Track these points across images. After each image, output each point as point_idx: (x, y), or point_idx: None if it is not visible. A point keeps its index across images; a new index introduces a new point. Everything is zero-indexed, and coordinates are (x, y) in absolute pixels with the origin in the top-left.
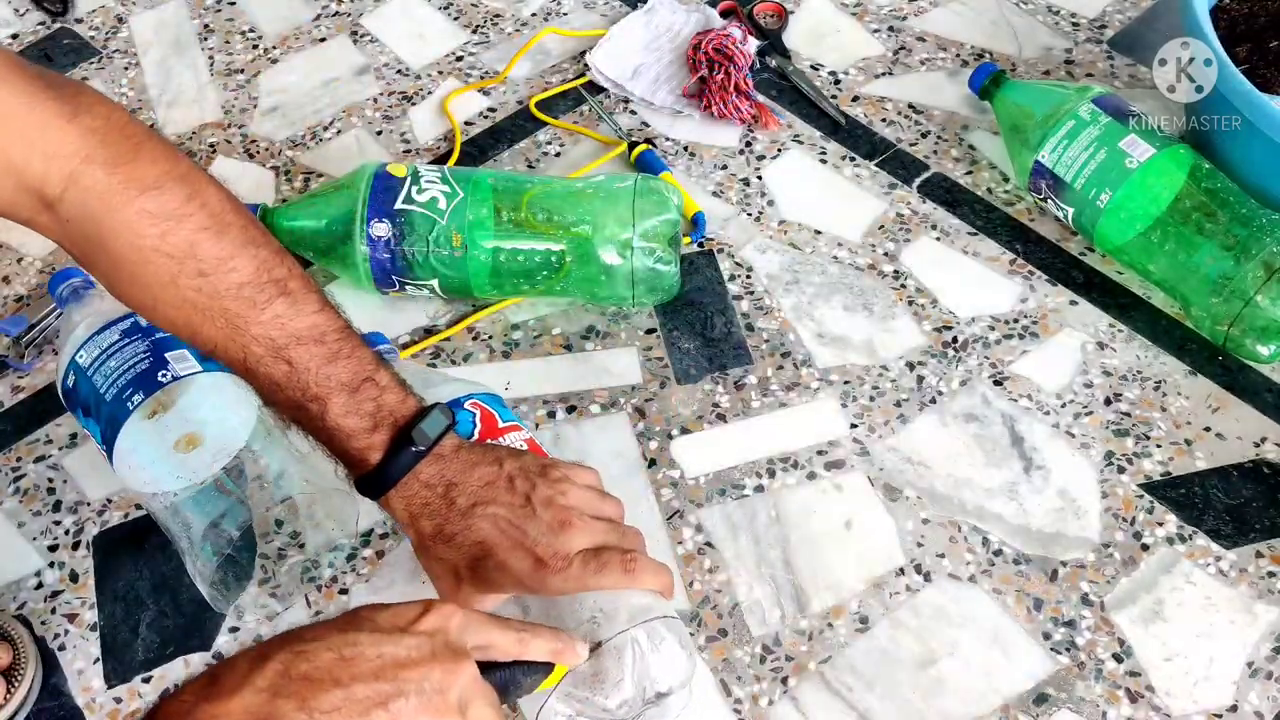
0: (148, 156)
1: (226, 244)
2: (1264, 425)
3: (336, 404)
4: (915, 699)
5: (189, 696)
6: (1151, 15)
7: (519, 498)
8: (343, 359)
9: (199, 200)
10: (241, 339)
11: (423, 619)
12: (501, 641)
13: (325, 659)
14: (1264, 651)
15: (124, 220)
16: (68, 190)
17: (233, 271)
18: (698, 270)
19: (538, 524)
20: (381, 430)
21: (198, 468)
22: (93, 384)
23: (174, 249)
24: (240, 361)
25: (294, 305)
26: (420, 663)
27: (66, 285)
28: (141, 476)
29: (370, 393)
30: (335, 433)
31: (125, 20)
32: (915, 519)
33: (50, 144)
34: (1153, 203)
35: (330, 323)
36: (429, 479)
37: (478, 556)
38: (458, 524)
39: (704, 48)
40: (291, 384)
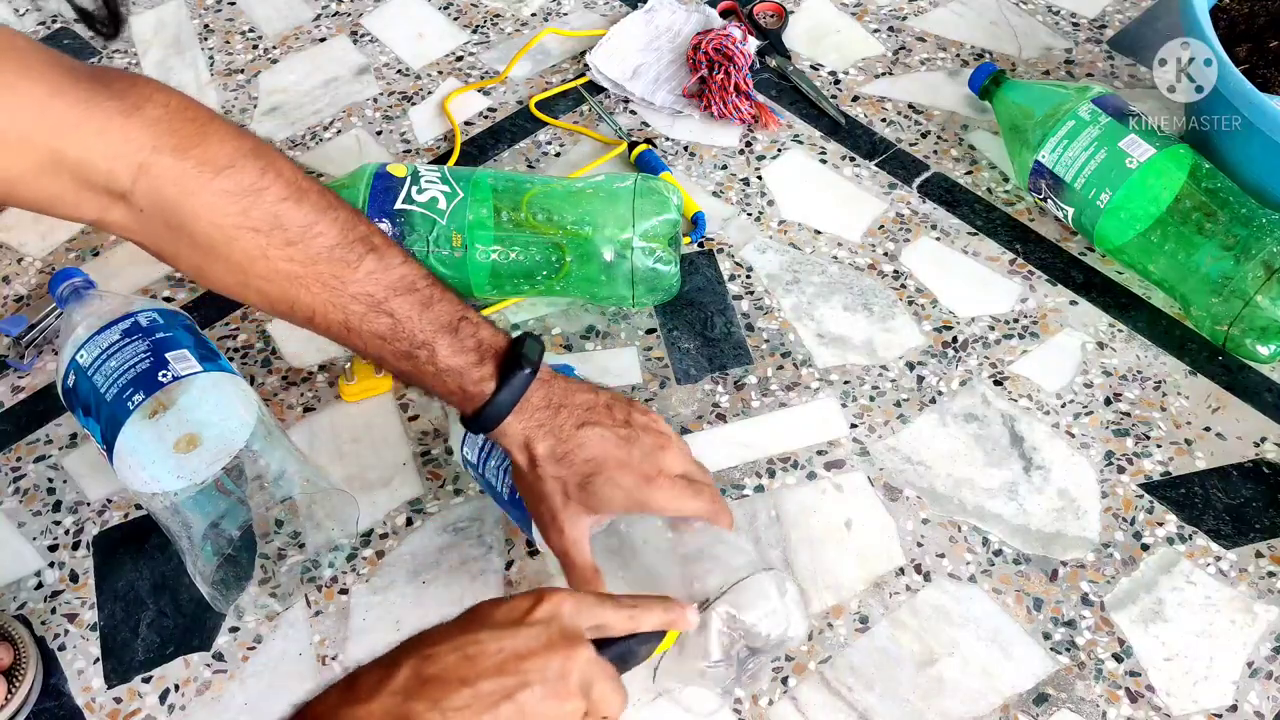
0: (216, 137)
1: (308, 210)
2: (1264, 425)
3: (443, 346)
4: (915, 699)
5: (333, 699)
6: (1151, 15)
7: (619, 421)
8: (437, 303)
9: (273, 172)
10: (340, 299)
11: (536, 609)
12: (614, 619)
13: (450, 660)
14: (1264, 651)
15: (204, 202)
16: (139, 181)
17: (320, 236)
18: (698, 270)
19: (640, 445)
20: (488, 362)
21: (198, 468)
22: (93, 384)
23: (259, 223)
24: (341, 323)
25: (382, 260)
26: (539, 652)
27: (67, 285)
28: (141, 476)
29: (469, 330)
30: (448, 373)
31: (125, 20)
32: (915, 519)
33: (113, 143)
34: (1153, 203)
35: (417, 271)
36: (540, 401)
37: (589, 474)
38: (571, 442)
39: (704, 48)
40: (397, 335)
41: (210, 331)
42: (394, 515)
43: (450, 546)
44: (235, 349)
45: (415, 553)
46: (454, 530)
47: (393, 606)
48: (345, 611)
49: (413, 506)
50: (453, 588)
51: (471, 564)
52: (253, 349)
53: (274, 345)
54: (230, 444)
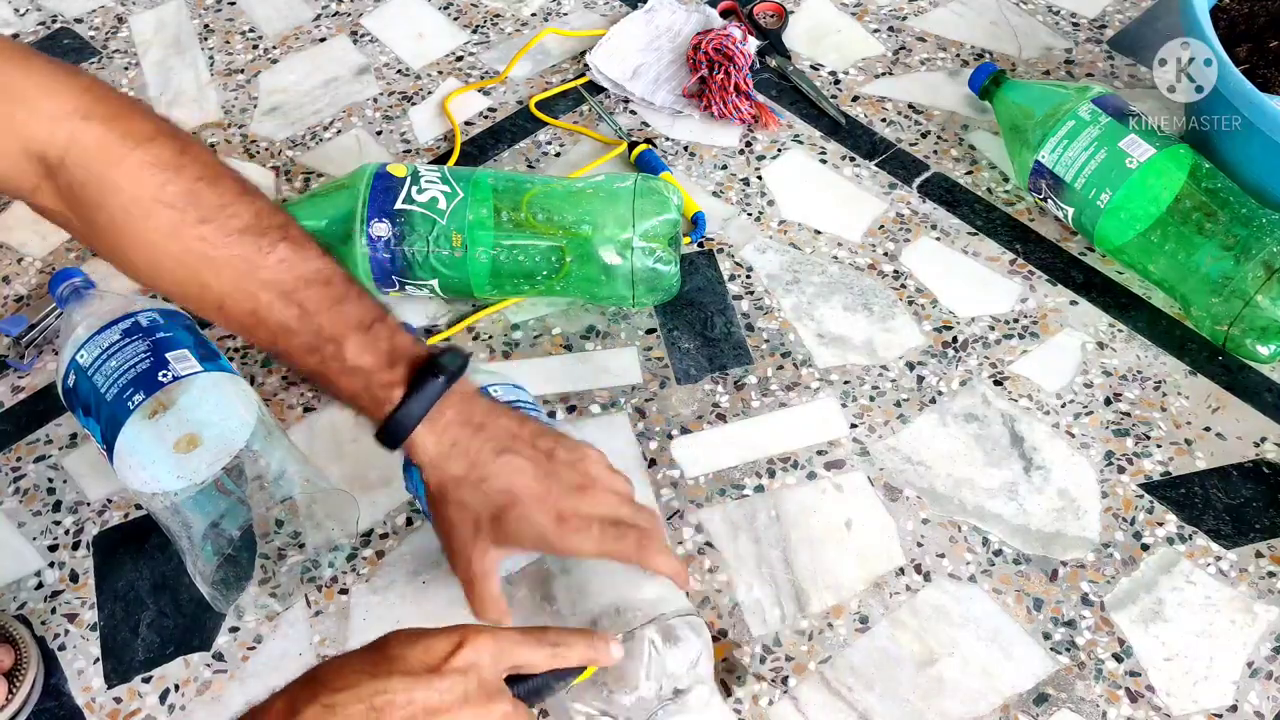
0: (139, 114)
1: (224, 191)
2: (1264, 425)
3: (352, 343)
4: (915, 699)
5: None
6: (1151, 15)
7: (542, 455)
8: (351, 300)
9: (191, 153)
10: (250, 285)
11: (455, 655)
12: (536, 659)
13: (355, 711)
14: (1264, 651)
15: (124, 171)
16: (69, 151)
17: (234, 217)
18: (698, 270)
19: (560, 483)
20: (399, 367)
21: (198, 468)
22: (93, 384)
23: (174, 198)
24: (249, 312)
25: (297, 250)
26: (452, 708)
27: (67, 285)
28: (141, 476)
29: (383, 332)
30: (354, 373)
31: (125, 20)
32: (915, 519)
33: (51, 103)
34: (1153, 203)
35: (332, 267)
36: (456, 416)
37: (503, 505)
38: (487, 468)
39: (704, 48)
40: (304, 327)
41: (210, 331)
42: (394, 515)
43: None
44: (235, 349)
45: (415, 553)
46: None
47: (393, 606)
48: (345, 611)
49: (413, 506)
50: (453, 587)
51: None
52: (253, 349)
53: None
54: (230, 444)
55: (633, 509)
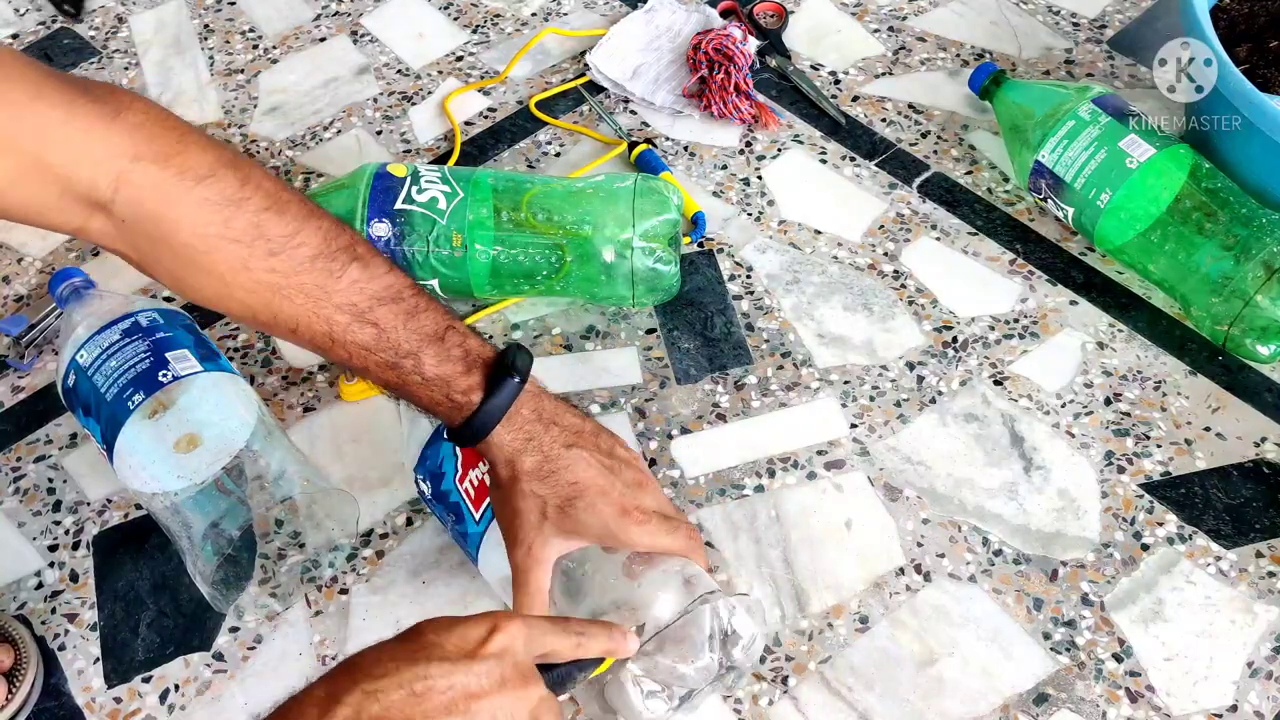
0: (195, 146)
1: (290, 220)
2: (1264, 425)
3: (429, 355)
4: (915, 699)
5: None
6: (1151, 15)
7: (605, 452)
8: (422, 313)
9: (253, 183)
10: (324, 310)
11: (489, 641)
12: (562, 647)
13: (397, 698)
14: (1264, 651)
15: (185, 212)
16: (120, 190)
17: (302, 246)
18: (698, 270)
19: (622, 478)
20: (475, 371)
21: (198, 468)
22: (93, 384)
23: (240, 233)
24: (325, 334)
25: (367, 269)
26: (491, 692)
27: (67, 285)
28: (141, 476)
29: (455, 339)
30: (435, 383)
31: (125, 20)
32: (915, 519)
33: (95, 148)
34: (1153, 203)
35: (402, 280)
36: (530, 413)
37: (570, 496)
38: (558, 461)
39: (704, 47)
40: (382, 345)
41: (210, 331)
42: (394, 515)
43: (450, 546)
44: (235, 349)
45: (415, 553)
46: None
47: (393, 606)
48: (345, 611)
49: (413, 506)
50: (453, 587)
51: (471, 564)
52: (253, 349)
53: (274, 345)
54: (230, 444)
55: (675, 508)
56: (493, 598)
